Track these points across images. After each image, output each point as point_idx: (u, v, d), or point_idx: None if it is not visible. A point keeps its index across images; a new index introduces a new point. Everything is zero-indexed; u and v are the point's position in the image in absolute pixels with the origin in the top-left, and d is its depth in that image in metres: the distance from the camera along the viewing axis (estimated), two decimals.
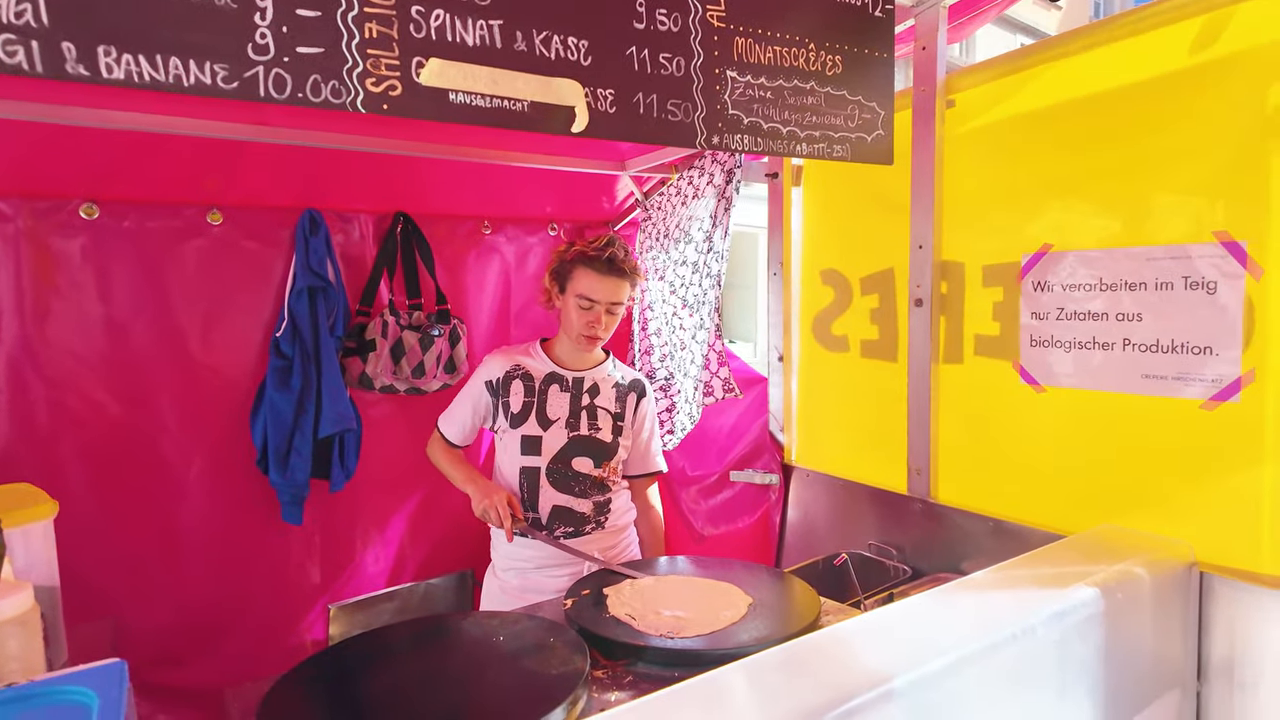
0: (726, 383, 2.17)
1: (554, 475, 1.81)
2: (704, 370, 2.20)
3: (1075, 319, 1.38)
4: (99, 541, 1.97)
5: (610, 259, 1.77)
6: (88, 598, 1.92)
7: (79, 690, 0.66)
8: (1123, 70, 1.32)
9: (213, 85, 0.84)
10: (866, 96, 1.42)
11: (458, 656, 1.24)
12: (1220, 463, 1.22)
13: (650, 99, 1.16)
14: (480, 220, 2.55)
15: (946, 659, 0.89)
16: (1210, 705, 1.24)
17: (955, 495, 1.63)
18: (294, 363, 2.10)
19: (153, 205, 1.99)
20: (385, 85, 0.95)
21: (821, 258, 1.96)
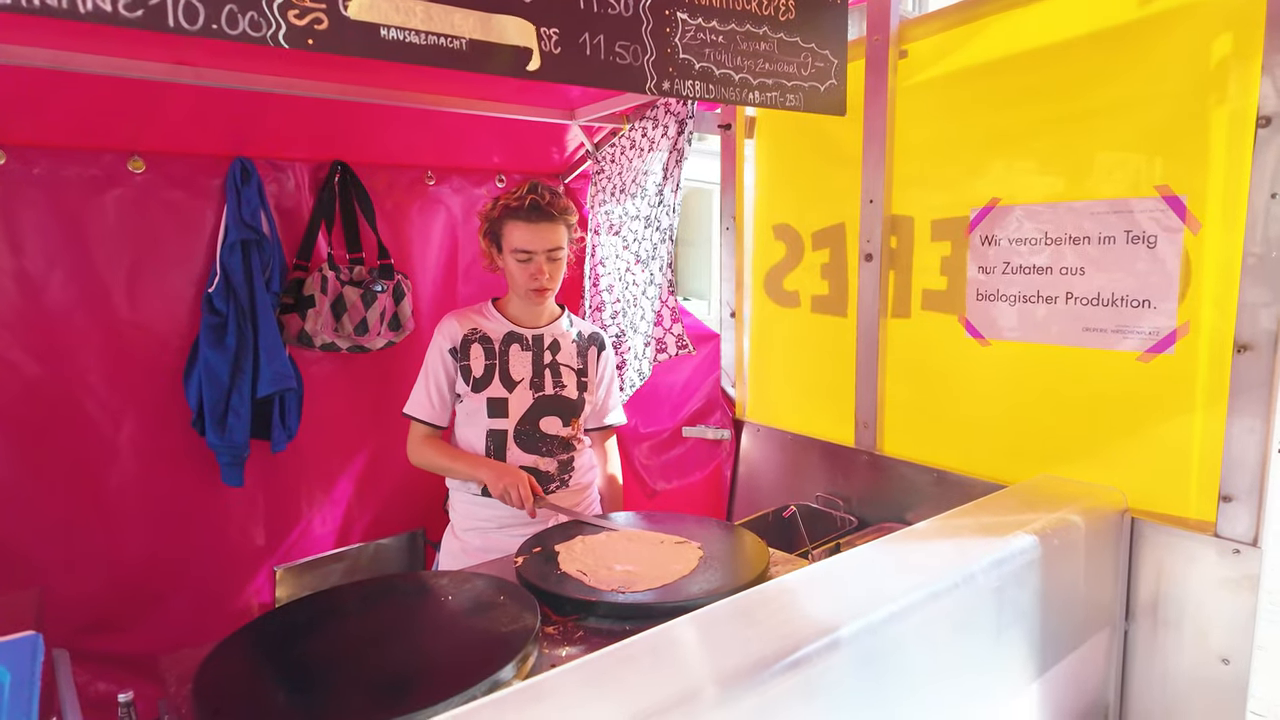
0: (680, 339, 2.16)
1: (521, 437, 1.78)
2: (656, 327, 2.18)
3: (1020, 273, 1.40)
4: (21, 507, 1.88)
5: (534, 205, 1.70)
6: (11, 566, 1.84)
7: None
8: (1071, 22, 1.31)
9: (113, 12, 0.77)
10: (820, 44, 1.38)
11: (407, 617, 1.22)
12: (1154, 413, 1.26)
13: (597, 40, 1.11)
14: (424, 170, 2.45)
15: (891, 608, 0.90)
16: (1136, 642, 1.30)
17: (901, 447, 1.66)
18: (228, 320, 2.01)
19: (66, 151, 1.86)
20: (310, 18, 0.88)
21: (774, 212, 1.94)
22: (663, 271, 2.11)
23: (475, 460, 1.77)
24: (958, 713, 1.02)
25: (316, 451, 2.30)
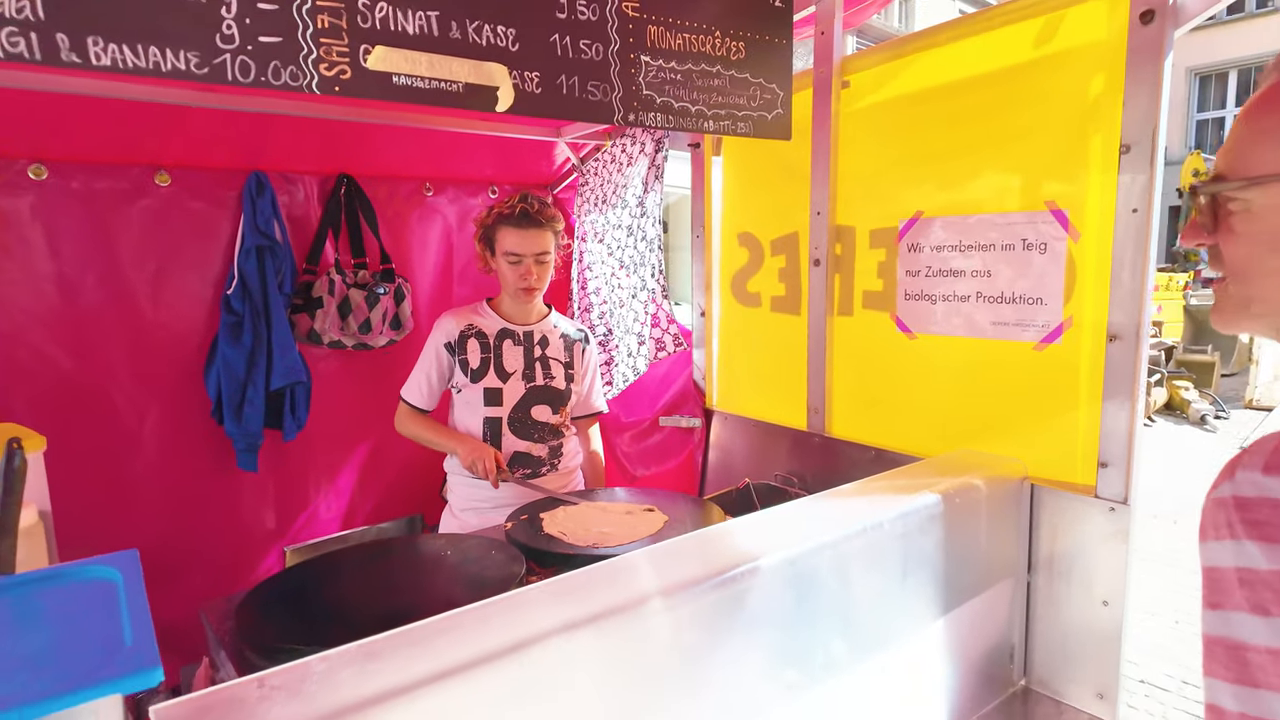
0: (676, 338, 2.38)
1: (515, 424, 1.99)
2: (654, 328, 2.40)
3: (940, 275, 1.62)
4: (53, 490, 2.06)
5: (524, 213, 1.92)
6: None
7: (104, 569, 0.82)
8: (982, 60, 1.53)
9: (187, 70, 0.98)
10: (767, 79, 1.60)
11: (411, 568, 1.43)
12: (1048, 395, 1.47)
13: (572, 80, 1.33)
14: (422, 182, 2.66)
15: (806, 545, 1.11)
16: (1037, 591, 1.52)
17: (845, 429, 1.87)
18: (244, 319, 2.21)
19: (100, 166, 2.06)
20: (337, 70, 1.09)
21: (738, 222, 2.16)
22: (655, 277, 2.33)
23: (452, 434, 2.00)
24: (873, 636, 1.23)
25: (323, 441, 2.50)
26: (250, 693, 0.74)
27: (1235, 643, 0.55)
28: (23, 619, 0.74)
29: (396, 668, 0.79)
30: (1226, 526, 0.56)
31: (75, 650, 0.68)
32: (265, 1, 1.02)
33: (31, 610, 0.75)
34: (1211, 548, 0.57)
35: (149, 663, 0.65)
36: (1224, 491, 0.57)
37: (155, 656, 0.66)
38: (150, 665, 0.65)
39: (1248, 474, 0.55)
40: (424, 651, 0.82)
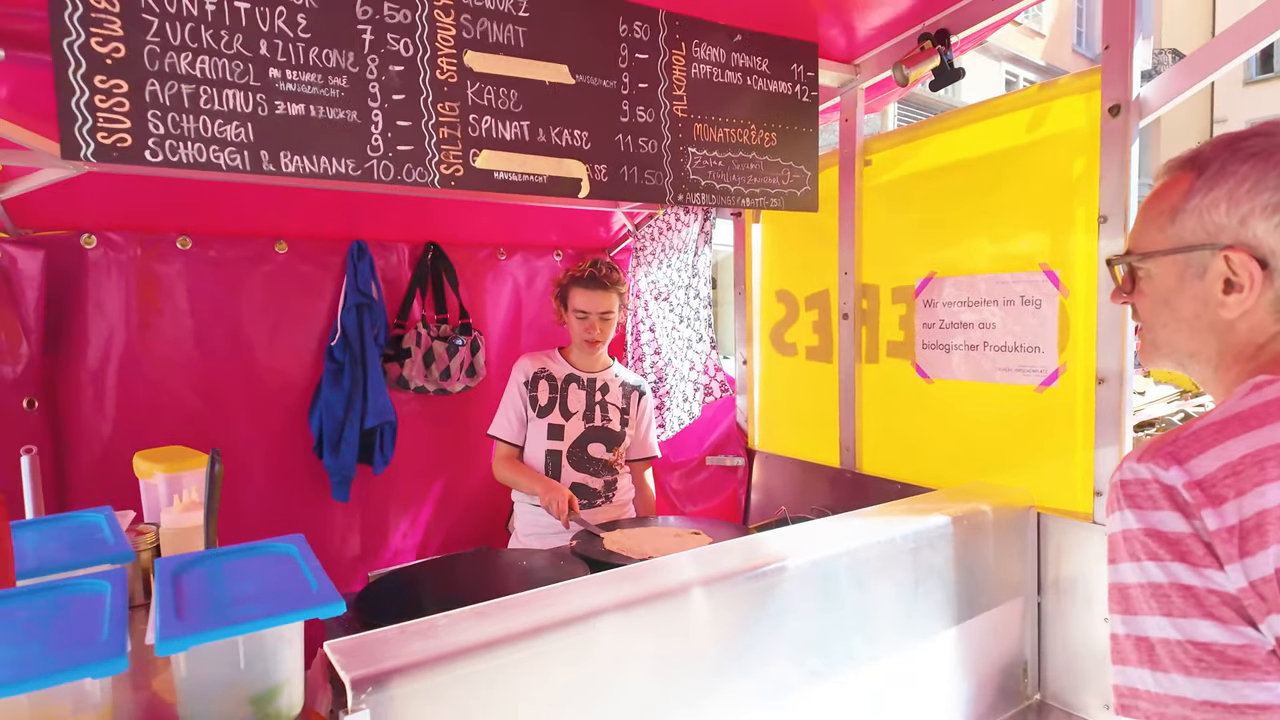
0: (722, 385, 2.64)
1: (573, 457, 2.26)
2: (703, 375, 2.66)
3: (952, 327, 1.84)
4: None
5: (593, 276, 2.23)
6: None
7: (285, 545, 1.10)
8: (982, 143, 1.78)
9: (345, 173, 1.30)
10: (796, 161, 1.88)
11: (493, 574, 1.68)
12: (1048, 432, 1.67)
13: (633, 170, 1.63)
14: (496, 248, 3.01)
15: (826, 552, 1.33)
16: (1047, 611, 1.68)
17: (874, 466, 2.07)
18: (345, 367, 2.55)
19: (233, 237, 2.46)
20: (453, 169, 1.41)
21: (776, 280, 2.42)
22: (707, 330, 2.61)
23: (535, 477, 2.25)
24: (890, 636, 1.42)
25: (405, 476, 2.80)
26: (394, 635, 1.00)
27: (1121, 584, 0.76)
28: (240, 573, 1.02)
29: (499, 624, 1.04)
30: (1115, 501, 0.78)
31: (280, 591, 0.95)
32: (403, 120, 1.35)
33: (246, 568, 1.03)
34: (1110, 520, 0.79)
35: (335, 598, 0.92)
36: (1114, 478, 0.79)
37: (337, 595, 0.93)
38: (335, 600, 0.91)
39: (1129, 463, 0.77)
40: (520, 613, 1.07)
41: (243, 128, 1.21)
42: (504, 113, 1.46)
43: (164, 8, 1.14)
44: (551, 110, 1.51)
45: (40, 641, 0.83)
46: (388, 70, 1.33)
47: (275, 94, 1.23)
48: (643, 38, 1.62)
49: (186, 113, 1.15)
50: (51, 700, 0.81)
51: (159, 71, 1.13)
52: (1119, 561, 0.77)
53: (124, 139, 1.10)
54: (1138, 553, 0.74)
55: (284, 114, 1.24)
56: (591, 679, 1.08)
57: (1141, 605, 0.73)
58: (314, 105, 1.27)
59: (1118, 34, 1.49)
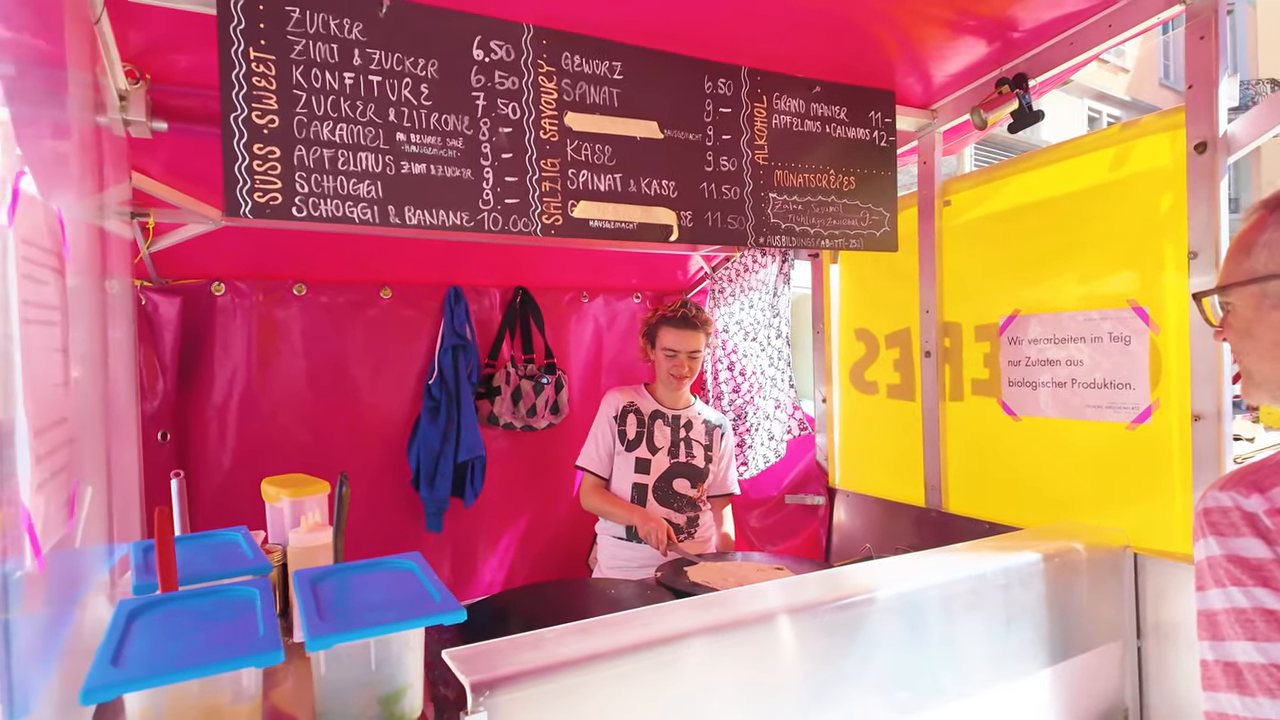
0: (801, 423, 2.67)
1: (659, 491, 2.32)
2: (785, 413, 2.70)
3: (1039, 365, 1.83)
4: None
5: (683, 316, 2.31)
6: None
7: (406, 561, 1.21)
8: (1065, 181, 1.80)
9: (460, 225, 1.44)
10: (875, 204, 1.94)
11: (582, 601, 1.75)
12: (1142, 470, 1.63)
13: (717, 215, 1.72)
14: (580, 291, 3.15)
15: (916, 585, 1.35)
16: (1148, 655, 1.62)
17: (960, 505, 2.06)
18: (441, 404, 2.71)
19: (343, 284, 2.67)
20: (553, 219, 1.53)
21: (855, 320, 2.45)
22: (788, 369, 2.66)
23: (630, 508, 2.31)
24: (980, 673, 1.41)
25: (492, 509, 2.92)
26: (505, 646, 1.08)
27: (1208, 611, 0.77)
28: (368, 584, 1.12)
29: (601, 639, 1.10)
30: (1199, 529, 0.79)
31: (406, 601, 1.05)
32: (510, 176, 1.49)
33: (372, 580, 1.14)
34: (1195, 548, 0.81)
35: (456, 607, 1.01)
36: (1198, 506, 0.80)
37: (458, 604, 1.02)
38: (457, 609, 1.00)
39: (1212, 492, 0.79)
40: (619, 631, 1.13)
41: (374, 186, 1.36)
42: (599, 166, 1.58)
43: (310, 83, 1.30)
44: (642, 163, 1.63)
45: (205, 636, 0.95)
46: (498, 132, 1.47)
47: (401, 155, 1.38)
48: (726, 93, 1.73)
49: (327, 174, 1.31)
50: (217, 688, 0.92)
51: (305, 139, 1.30)
52: (1205, 588, 0.78)
53: (276, 198, 1.26)
54: (1222, 579, 0.76)
55: (409, 173, 1.39)
56: (684, 699, 1.12)
57: (1227, 631, 0.75)
58: (434, 165, 1.41)
59: (1201, 73, 1.50)
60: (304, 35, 1.29)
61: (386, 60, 1.37)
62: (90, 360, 1.15)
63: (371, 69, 1.35)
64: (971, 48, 1.85)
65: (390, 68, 1.37)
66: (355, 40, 1.34)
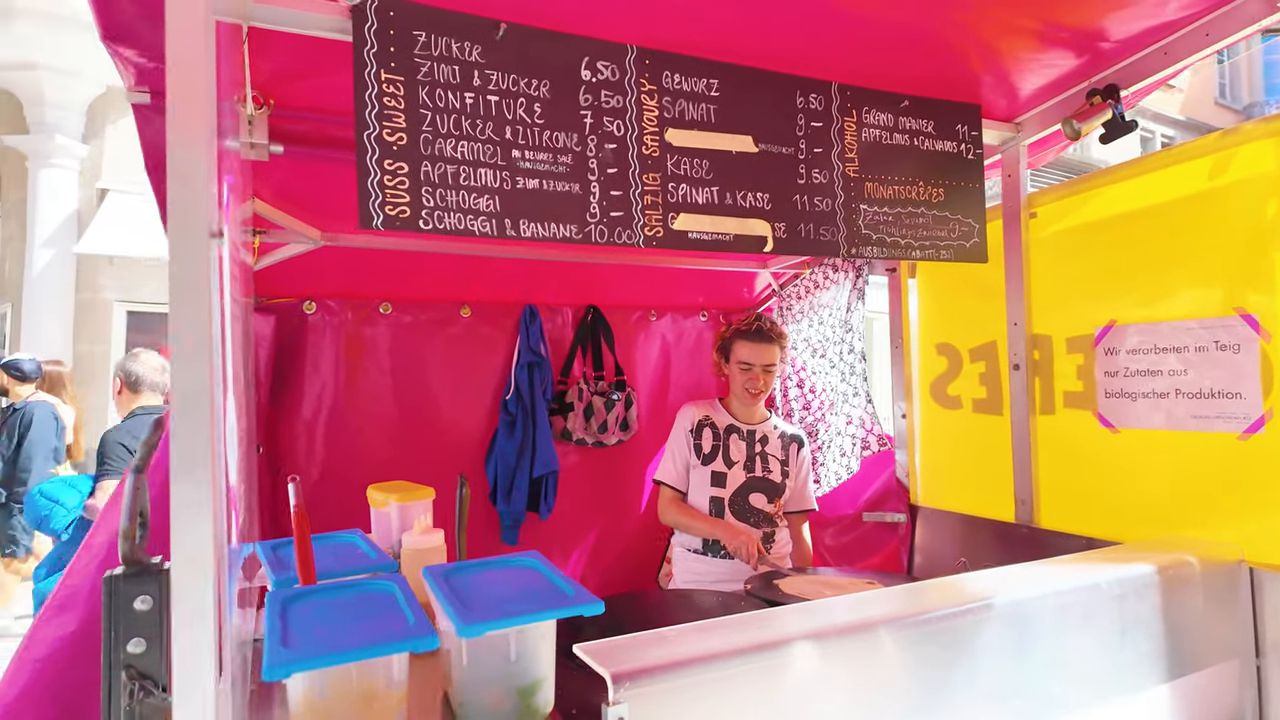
0: (880, 439, 2.64)
1: (735, 506, 2.33)
2: (860, 429, 2.68)
3: (1138, 375, 1.80)
4: None
5: (759, 330, 2.33)
6: None
7: (526, 559, 1.24)
8: (1160, 191, 1.78)
9: (568, 236, 1.49)
10: (964, 215, 1.94)
11: (675, 611, 1.76)
12: (1256, 482, 1.59)
13: (809, 227, 1.74)
14: (648, 309, 3.20)
15: (1032, 592, 1.33)
16: (1268, 676, 1.57)
17: (1053, 520, 2.02)
18: (517, 419, 2.76)
19: (426, 303, 2.75)
20: (654, 231, 1.57)
21: (935, 334, 2.44)
22: (864, 385, 2.65)
23: (715, 522, 2.31)
24: (1096, 685, 1.38)
25: (566, 522, 2.95)
26: (630, 643, 1.10)
27: None
28: (496, 580, 1.15)
29: (721, 639, 1.12)
30: None
31: (538, 594, 1.08)
32: (615, 190, 1.53)
33: (499, 576, 1.17)
34: None
35: (593, 599, 1.03)
36: None
37: (594, 597, 1.04)
38: (593, 600, 1.03)
39: None
40: (735, 632, 1.14)
41: (492, 200, 1.42)
42: (697, 180, 1.62)
43: (434, 103, 1.37)
44: (738, 176, 1.67)
45: (357, 624, 0.99)
46: (603, 148, 1.53)
47: (517, 171, 1.44)
48: (817, 108, 1.76)
49: (450, 188, 1.37)
50: (373, 673, 0.95)
51: (430, 155, 1.36)
52: None
53: (405, 211, 1.33)
54: None
55: (523, 188, 1.45)
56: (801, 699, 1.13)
57: None
58: (546, 180, 1.47)
59: None
60: (429, 58, 1.37)
61: (503, 81, 1.43)
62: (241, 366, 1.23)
63: (489, 89, 1.42)
64: (1059, 60, 1.86)
65: (506, 88, 1.44)
66: (475, 62, 1.41)
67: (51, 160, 7.29)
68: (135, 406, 3.35)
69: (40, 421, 3.41)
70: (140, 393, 3.37)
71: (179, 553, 0.65)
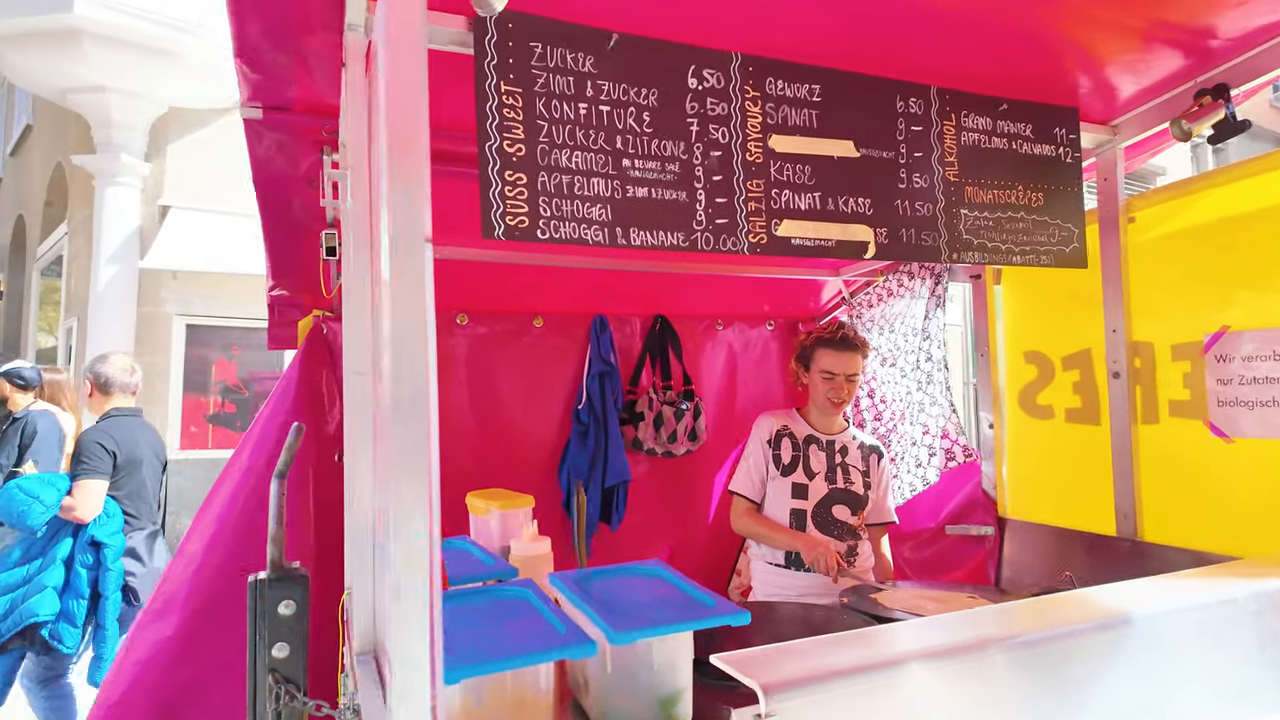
0: (965, 450, 2.58)
1: (818, 518, 2.29)
2: (944, 440, 2.61)
3: (1255, 383, 1.73)
4: None
5: (843, 338, 2.29)
6: None
7: (649, 567, 1.23)
8: (1273, 194, 1.72)
9: (677, 245, 1.48)
10: (1063, 220, 1.90)
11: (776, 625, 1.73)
12: None
13: (911, 232, 1.72)
14: (715, 319, 3.18)
15: (1168, 606, 1.28)
16: None
17: (1158, 533, 1.95)
18: (590, 428, 2.76)
19: (500, 314, 2.78)
20: (758, 238, 1.56)
21: (1023, 341, 2.38)
22: (944, 394, 2.59)
23: (792, 533, 2.27)
24: (1229, 707, 1.32)
25: (637, 533, 2.93)
26: (769, 654, 1.08)
27: None
28: (626, 587, 1.15)
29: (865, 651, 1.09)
30: None
31: (675, 602, 1.07)
32: (720, 197, 1.53)
33: (626, 583, 1.16)
34: None
35: (738, 610, 1.02)
36: None
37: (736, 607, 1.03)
38: (738, 611, 1.02)
39: None
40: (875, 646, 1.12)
41: (604, 209, 1.42)
42: (800, 185, 1.61)
43: (550, 114, 1.38)
44: (839, 181, 1.65)
45: (502, 630, 0.98)
46: (709, 155, 1.53)
47: (627, 180, 1.44)
48: (917, 112, 1.74)
49: (565, 198, 1.38)
50: (523, 680, 0.95)
51: (547, 165, 1.37)
52: None
53: (524, 221, 1.34)
54: None
55: (633, 196, 1.45)
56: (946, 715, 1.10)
57: None
58: (654, 188, 1.47)
59: None
60: (545, 69, 1.38)
61: (614, 90, 1.44)
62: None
63: (601, 99, 1.43)
64: (1163, 61, 1.81)
65: (616, 98, 1.45)
66: (587, 72, 1.42)
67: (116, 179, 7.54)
68: (108, 408, 3.39)
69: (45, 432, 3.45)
70: (111, 394, 3.41)
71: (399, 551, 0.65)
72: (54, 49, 6.92)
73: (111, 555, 3.15)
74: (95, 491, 3.11)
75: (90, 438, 3.24)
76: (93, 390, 3.43)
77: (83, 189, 7.91)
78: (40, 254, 9.99)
